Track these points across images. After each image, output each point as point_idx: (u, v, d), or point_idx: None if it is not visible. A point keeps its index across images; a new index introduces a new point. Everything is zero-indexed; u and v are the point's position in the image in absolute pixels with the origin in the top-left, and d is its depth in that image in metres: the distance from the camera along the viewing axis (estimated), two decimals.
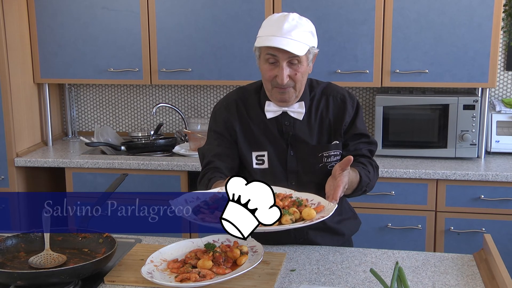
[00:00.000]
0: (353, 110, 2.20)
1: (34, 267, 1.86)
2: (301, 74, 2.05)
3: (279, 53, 1.99)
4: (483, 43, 3.36)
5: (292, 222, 1.73)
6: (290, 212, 1.76)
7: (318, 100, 2.19)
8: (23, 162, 3.64)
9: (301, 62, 2.03)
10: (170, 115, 4.20)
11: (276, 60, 2.01)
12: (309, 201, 1.89)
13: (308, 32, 2.03)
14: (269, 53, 2.01)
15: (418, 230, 3.33)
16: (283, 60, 2.00)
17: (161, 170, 3.51)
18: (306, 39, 2.02)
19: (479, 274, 1.87)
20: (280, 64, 2.01)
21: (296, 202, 1.84)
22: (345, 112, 2.18)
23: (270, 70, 2.04)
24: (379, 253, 2.07)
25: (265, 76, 2.07)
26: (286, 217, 1.72)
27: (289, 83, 2.05)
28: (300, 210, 1.79)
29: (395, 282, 1.52)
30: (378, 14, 3.43)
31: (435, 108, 3.47)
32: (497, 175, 3.19)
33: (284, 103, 2.13)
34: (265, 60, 2.04)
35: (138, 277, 1.81)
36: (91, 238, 2.03)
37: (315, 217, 1.76)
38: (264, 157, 2.17)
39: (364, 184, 2.10)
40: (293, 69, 2.03)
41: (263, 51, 2.04)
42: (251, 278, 1.81)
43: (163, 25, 3.67)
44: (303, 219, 1.76)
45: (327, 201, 1.85)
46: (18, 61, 3.70)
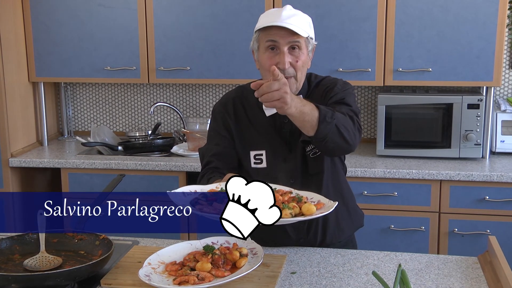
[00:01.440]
0: (342, 88, 2.13)
1: (29, 270, 1.86)
2: (302, 63, 2.05)
3: (280, 38, 2.00)
4: (488, 40, 3.35)
5: (291, 217, 1.74)
6: (290, 206, 1.77)
7: (315, 93, 2.18)
8: (18, 162, 3.61)
9: (302, 49, 2.03)
10: (168, 114, 4.18)
11: (276, 46, 2.02)
12: (309, 199, 1.90)
13: (306, 22, 2.06)
14: (269, 40, 2.02)
15: (422, 231, 3.30)
16: (284, 45, 2.01)
17: (159, 170, 3.48)
18: (305, 26, 2.04)
19: (484, 277, 1.85)
20: (281, 49, 2.01)
21: (295, 198, 1.85)
22: (333, 88, 2.13)
23: (271, 58, 2.03)
24: (381, 255, 2.05)
25: (265, 66, 2.05)
26: (285, 211, 1.74)
27: (290, 72, 2.03)
28: (299, 206, 1.80)
29: (397, 285, 1.50)
30: (381, 11, 3.41)
31: (438, 107, 3.45)
32: (502, 175, 3.17)
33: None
34: (265, 48, 2.04)
35: (135, 279, 1.80)
36: (88, 240, 2.03)
37: (314, 213, 1.77)
38: (262, 156, 2.17)
39: (326, 113, 1.89)
40: (294, 56, 2.03)
41: (262, 39, 2.04)
42: (251, 280, 1.80)
43: (161, 23, 3.65)
44: (303, 214, 1.78)
45: (327, 199, 1.86)
46: (12, 59, 3.67)
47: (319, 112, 1.87)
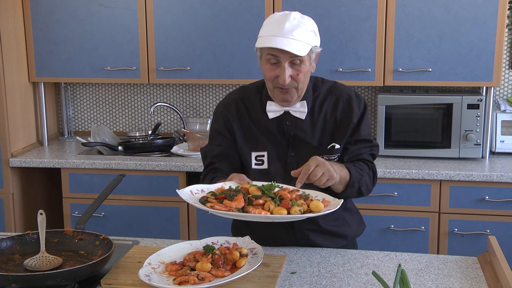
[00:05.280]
0: (360, 112, 2.17)
1: (30, 270, 1.86)
2: (303, 75, 2.03)
3: (281, 54, 1.98)
4: (488, 41, 3.34)
5: (300, 213, 1.77)
6: (298, 203, 1.79)
7: (322, 100, 2.17)
8: (18, 162, 3.61)
9: (303, 62, 2.01)
10: (168, 114, 4.17)
11: (277, 60, 2.00)
12: (314, 197, 1.92)
13: (310, 31, 2.01)
14: (270, 54, 2.00)
15: (421, 231, 3.30)
16: (284, 61, 1.98)
17: (159, 170, 3.47)
18: (308, 38, 2.00)
19: (484, 277, 1.85)
20: (282, 65, 1.99)
21: (303, 196, 1.88)
22: (352, 114, 2.15)
23: (272, 70, 2.03)
24: (381, 255, 2.05)
25: (266, 76, 2.06)
26: (295, 208, 1.77)
27: (291, 84, 2.03)
28: (307, 204, 1.82)
29: (397, 285, 1.50)
30: (381, 11, 3.41)
31: (438, 107, 3.44)
32: (502, 175, 3.17)
33: (286, 103, 2.11)
34: (267, 60, 2.03)
35: (135, 279, 1.80)
36: (88, 240, 2.02)
37: (322, 210, 1.79)
38: (264, 158, 2.17)
39: (355, 179, 2.06)
40: (295, 69, 2.01)
41: (264, 52, 2.03)
42: (251, 280, 1.79)
43: (161, 23, 3.64)
44: (311, 211, 1.80)
45: (332, 197, 1.89)
46: (12, 59, 3.66)
47: (350, 178, 2.04)
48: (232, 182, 1.95)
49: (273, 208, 1.78)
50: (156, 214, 3.53)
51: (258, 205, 1.80)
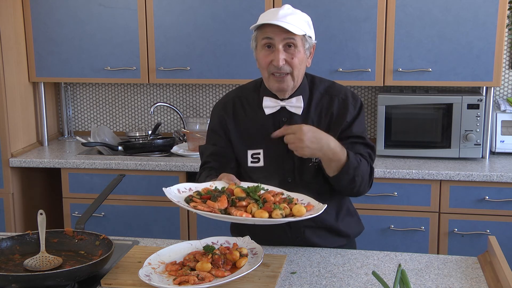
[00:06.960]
0: (355, 112, 2.17)
1: (30, 270, 1.86)
2: (298, 60, 2.05)
3: (275, 36, 2.02)
4: (488, 41, 3.34)
5: (282, 217, 1.79)
6: (281, 207, 1.81)
7: (319, 98, 2.18)
8: (18, 162, 3.61)
9: (297, 47, 2.04)
10: (168, 114, 4.17)
11: (272, 44, 2.03)
12: (299, 200, 1.94)
13: (304, 21, 2.06)
14: (265, 37, 2.04)
15: (421, 231, 3.30)
16: (278, 43, 2.02)
17: (159, 170, 3.47)
18: (302, 25, 2.04)
19: (484, 277, 1.85)
20: (276, 47, 2.03)
21: (286, 200, 1.90)
22: (346, 113, 2.15)
23: (267, 56, 2.06)
24: (381, 255, 2.05)
25: (262, 64, 2.08)
26: (276, 212, 1.78)
27: (285, 68, 2.05)
28: (290, 207, 1.84)
29: (397, 285, 1.50)
30: (381, 11, 3.41)
31: (438, 107, 3.44)
32: (502, 175, 3.17)
33: (282, 93, 2.12)
34: (262, 46, 2.06)
35: (135, 279, 1.80)
36: (88, 240, 2.02)
37: (304, 214, 1.81)
38: (260, 155, 2.18)
39: (352, 165, 2.02)
40: (290, 53, 2.04)
41: (259, 38, 2.07)
42: (251, 280, 1.79)
43: (161, 23, 3.64)
44: (293, 215, 1.82)
45: (317, 202, 1.91)
46: (12, 59, 3.66)
47: (346, 161, 2.01)
48: (220, 182, 1.97)
49: (255, 210, 1.79)
50: (156, 214, 3.53)
51: (241, 206, 1.81)
